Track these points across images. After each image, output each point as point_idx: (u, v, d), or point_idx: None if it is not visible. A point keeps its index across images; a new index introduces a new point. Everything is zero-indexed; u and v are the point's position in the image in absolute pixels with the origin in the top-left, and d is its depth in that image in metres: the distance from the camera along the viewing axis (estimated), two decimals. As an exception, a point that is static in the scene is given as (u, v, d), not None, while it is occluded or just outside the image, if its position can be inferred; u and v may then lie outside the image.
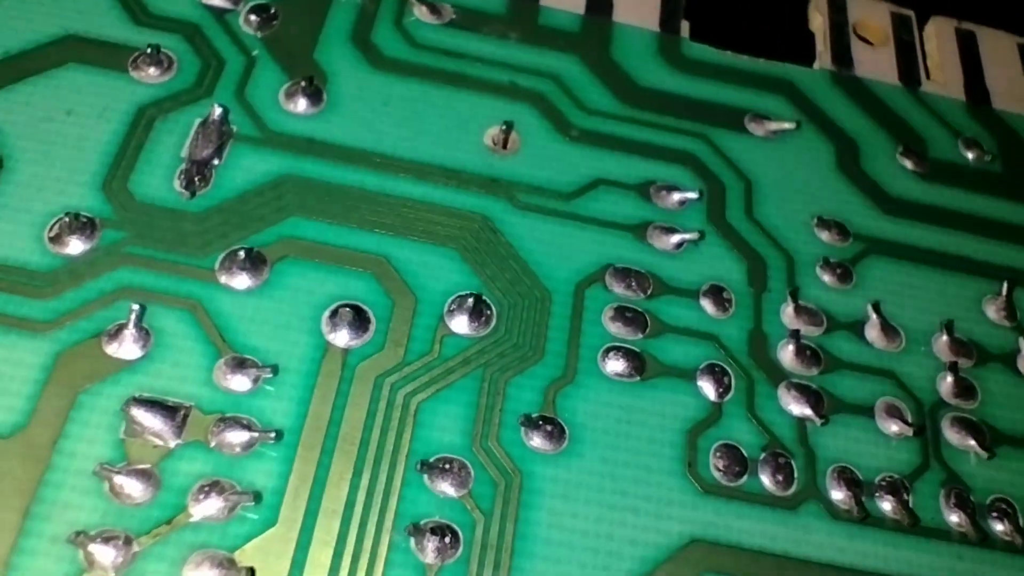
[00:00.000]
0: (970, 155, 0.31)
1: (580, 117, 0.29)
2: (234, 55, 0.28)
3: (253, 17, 0.29)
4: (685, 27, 0.32)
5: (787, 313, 0.26)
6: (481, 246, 0.26)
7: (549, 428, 0.23)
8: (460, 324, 0.25)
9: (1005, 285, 0.28)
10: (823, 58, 0.33)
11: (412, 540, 0.22)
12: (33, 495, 0.21)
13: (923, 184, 0.30)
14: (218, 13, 0.29)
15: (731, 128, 0.30)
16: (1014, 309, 0.28)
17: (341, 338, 0.24)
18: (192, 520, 0.21)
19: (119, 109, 0.26)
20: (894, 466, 0.25)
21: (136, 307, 0.23)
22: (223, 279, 0.24)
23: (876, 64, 0.33)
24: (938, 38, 0.34)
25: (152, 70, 0.27)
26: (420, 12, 0.30)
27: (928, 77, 0.33)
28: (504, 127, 0.28)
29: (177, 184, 0.25)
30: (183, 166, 0.26)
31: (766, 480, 0.24)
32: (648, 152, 0.29)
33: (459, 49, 0.30)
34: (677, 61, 0.31)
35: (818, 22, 0.34)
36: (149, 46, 0.27)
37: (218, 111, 0.26)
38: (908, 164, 0.30)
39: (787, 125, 0.30)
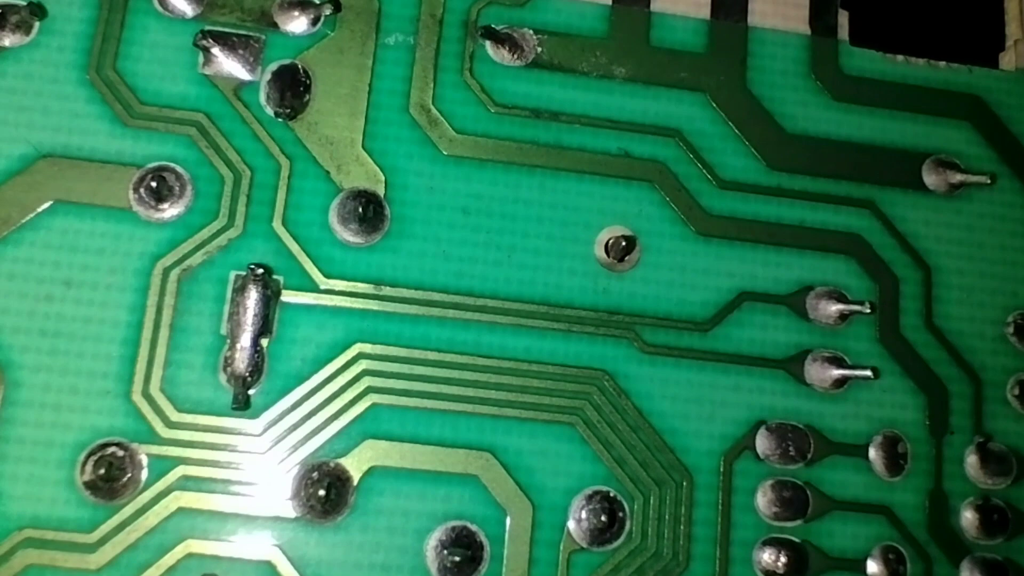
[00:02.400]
0: None
1: (713, 196, 0.23)
2: (261, 156, 0.21)
3: (276, 92, 0.22)
4: (843, 20, 0.24)
5: (971, 463, 0.22)
6: (603, 416, 0.21)
7: (701, 662, 0.20)
8: (588, 534, 0.20)
9: None
10: (1020, 48, 0.25)
11: None
12: None
13: None
14: (231, 89, 0.22)
15: (904, 185, 0.23)
16: None
17: (452, 578, 0.20)
18: None
19: (129, 269, 0.20)
20: (1091, 651, 0.22)
21: (207, 582, 0.19)
22: (300, 512, 0.20)
23: (1090, 46, 0.25)
24: None
25: (163, 206, 0.21)
26: (498, 54, 0.22)
27: None
28: (623, 240, 0.21)
29: (223, 379, 0.20)
30: (225, 352, 0.20)
31: None
32: (800, 239, 0.23)
33: (550, 105, 0.22)
34: (833, 82, 0.24)
35: (1012, -20, 0.25)
36: (150, 172, 0.21)
37: (256, 274, 0.20)
38: None
39: (976, 179, 0.23)
